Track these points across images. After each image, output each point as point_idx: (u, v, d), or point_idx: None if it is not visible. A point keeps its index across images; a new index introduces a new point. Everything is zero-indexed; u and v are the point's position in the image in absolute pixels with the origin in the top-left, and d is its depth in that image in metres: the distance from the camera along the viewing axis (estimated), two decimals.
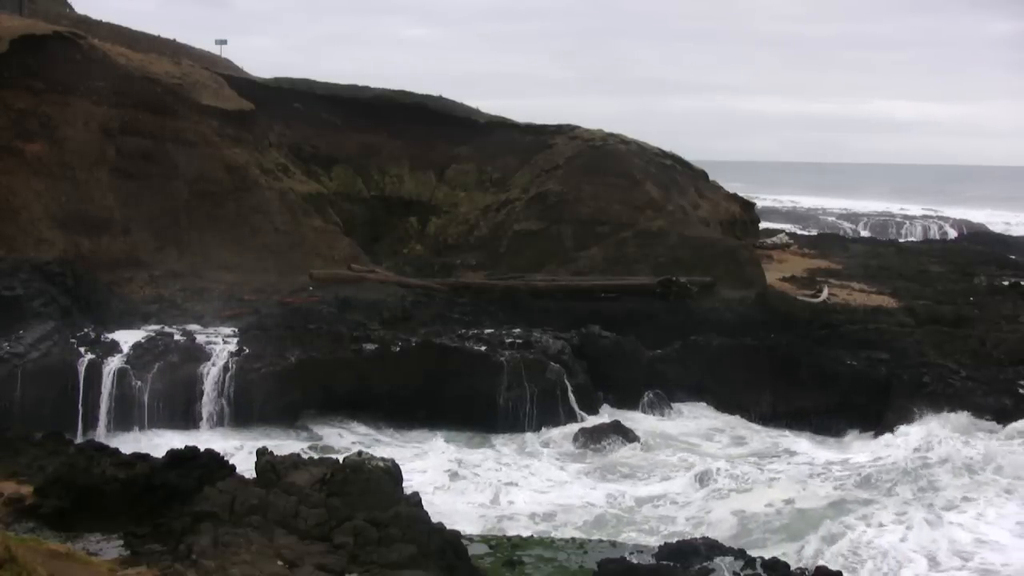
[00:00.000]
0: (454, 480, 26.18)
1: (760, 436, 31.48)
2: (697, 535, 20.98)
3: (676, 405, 33.47)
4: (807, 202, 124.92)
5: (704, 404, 33.75)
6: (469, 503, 24.61)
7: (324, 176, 49.46)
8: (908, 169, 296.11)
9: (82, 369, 29.36)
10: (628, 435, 29.95)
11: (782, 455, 29.49)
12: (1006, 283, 46.21)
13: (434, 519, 16.34)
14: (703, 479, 26.19)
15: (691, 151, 58.60)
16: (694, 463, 27.84)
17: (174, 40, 56.40)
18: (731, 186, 59.61)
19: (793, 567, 18.32)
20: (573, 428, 30.68)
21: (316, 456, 18.11)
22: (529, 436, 30.56)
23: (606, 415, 32.08)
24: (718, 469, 26.59)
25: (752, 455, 29.33)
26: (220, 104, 45.46)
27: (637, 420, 32.13)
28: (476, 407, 31.05)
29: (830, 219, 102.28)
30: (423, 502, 16.52)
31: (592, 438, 29.72)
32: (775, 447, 30.32)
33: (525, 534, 20.73)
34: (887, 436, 29.77)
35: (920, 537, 22.06)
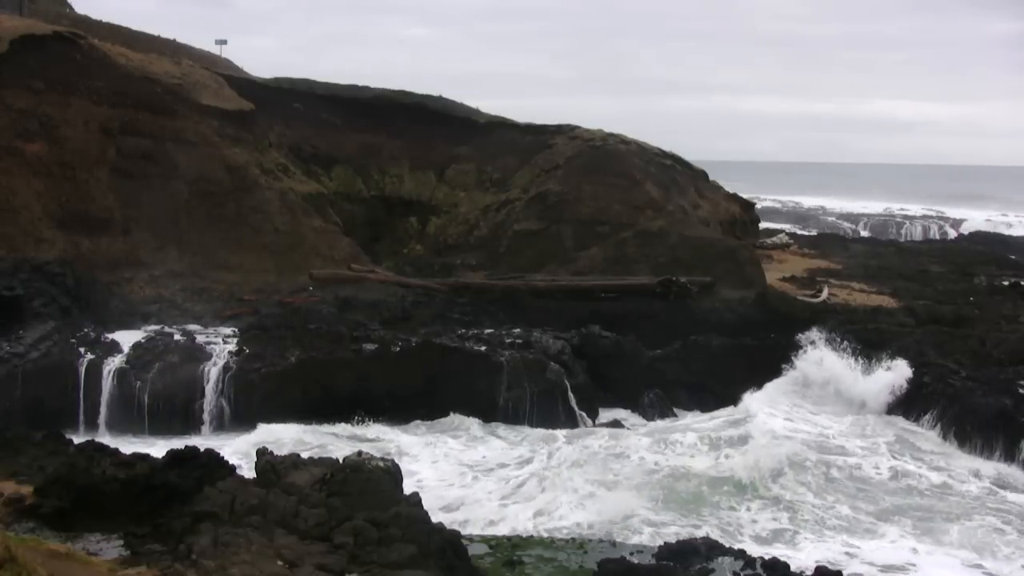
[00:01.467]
0: (460, 478, 26.17)
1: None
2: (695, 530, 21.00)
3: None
4: (807, 202, 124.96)
5: (703, 401, 33.79)
6: (477, 499, 24.57)
7: (324, 176, 49.48)
8: (908, 169, 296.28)
9: (82, 369, 29.42)
10: (627, 433, 29.95)
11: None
12: (1006, 283, 46.21)
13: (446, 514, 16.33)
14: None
15: (691, 151, 58.64)
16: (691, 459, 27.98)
17: (174, 40, 56.43)
18: (731, 186, 59.56)
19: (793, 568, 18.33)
20: (572, 427, 30.73)
21: (316, 456, 18.08)
22: (528, 436, 30.55)
23: (606, 415, 32.10)
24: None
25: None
26: (220, 104, 45.51)
27: (637, 420, 32.17)
28: (476, 407, 31.07)
29: (830, 219, 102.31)
30: (432, 496, 16.52)
31: (591, 437, 29.72)
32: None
33: (525, 534, 20.73)
34: None
35: None
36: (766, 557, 18.67)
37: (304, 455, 17.38)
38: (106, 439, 25.43)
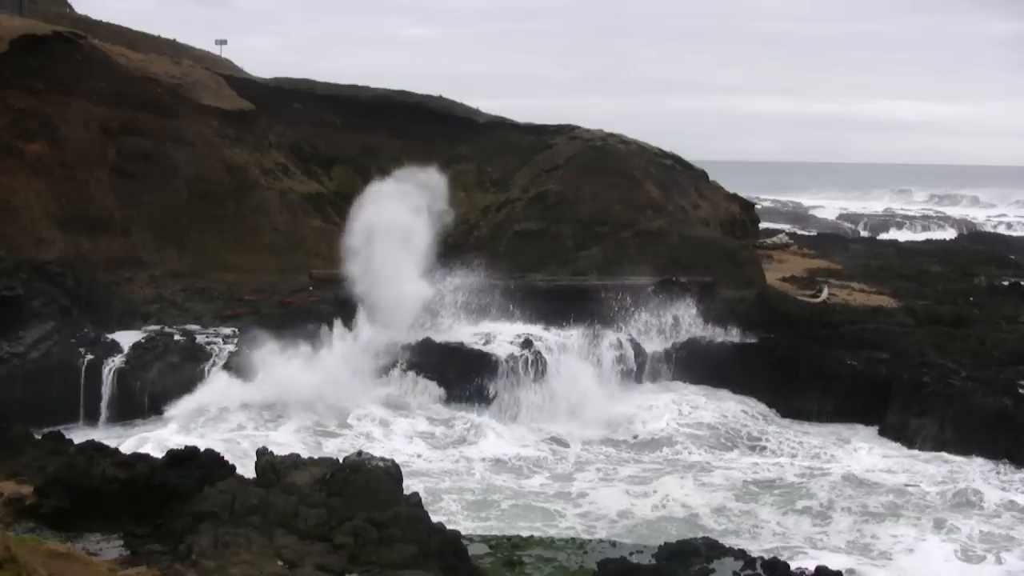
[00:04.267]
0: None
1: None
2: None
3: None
4: (807, 202, 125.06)
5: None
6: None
7: (324, 176, 49.45)
8: (909, 169, 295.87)
9: (82, 369, 29.47)
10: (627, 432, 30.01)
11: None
12: (1006, 283, 46.21)
13: None
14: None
15: (691, 151, 58.44)
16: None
17: (174, 40, 56.40)
18: (731, 186, 59.47)
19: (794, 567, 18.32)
20: (573, 428, 30.79)
21: (316, 456, 18.06)
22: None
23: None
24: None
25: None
26: (220, 104, 45.48)
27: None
28: (475, 406, 31.17)
29: (830, 219, 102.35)
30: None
31: (592, 437, 29.79)
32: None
33: (525, 534, 20.72)
34: None
35: None
36: (766, 557, 18.66)
37: None
38: (106, 438, 25.47)
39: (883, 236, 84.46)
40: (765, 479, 26.99)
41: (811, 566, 18.79)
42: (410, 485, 17.50)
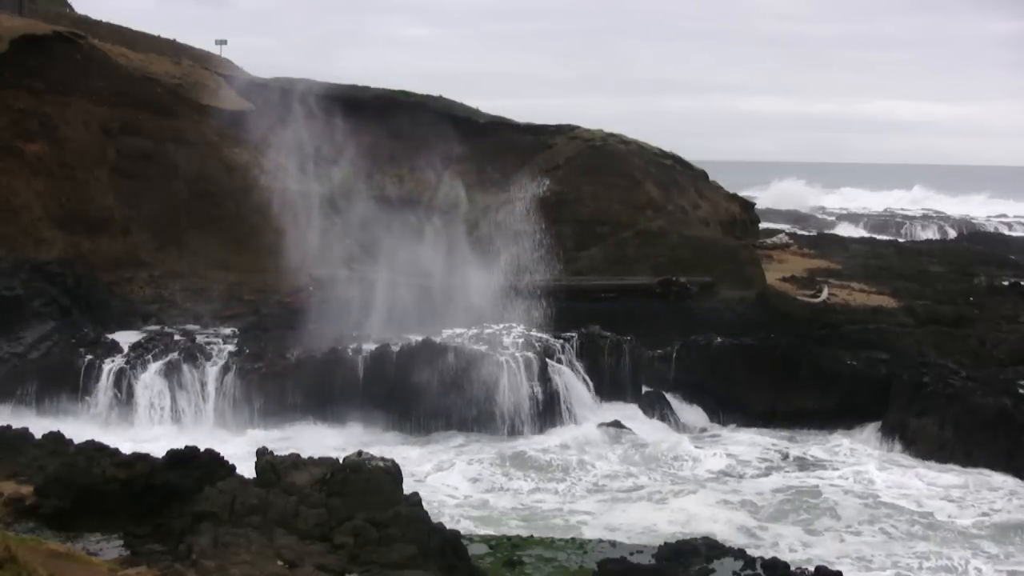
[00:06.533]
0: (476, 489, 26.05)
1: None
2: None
3: (676, 405, 33.52)
4: (807, 202, 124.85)
5: (701, 404, 33.78)
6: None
7: (324, 176, 49.36)
8: (908, 169, 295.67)
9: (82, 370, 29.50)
10: (628, 435, 29.98)
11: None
12: (1006, 283, 46.23)
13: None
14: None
15: (691, 151, 58.40)
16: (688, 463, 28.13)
17: (174, 40, 56.21)
18: (731, 186, 59.43)
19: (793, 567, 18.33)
20: (573, 428, 30.77)
21: (316, 456, 18.05)
22: (531, 436, 30.59)
23: (605, 415, 32.08)
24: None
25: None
26: (220, 104, 45.46)
27: (636, 420, 32.17)
28: (476, 407, 31.12)
29: (830, 219, 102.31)
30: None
31: (593, 439, 29.77)
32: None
33: (525, 534, 20.71)
34: None
35: None
36: (766, 557, 18.66)
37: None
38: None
39: (883, 236, 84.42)
40: (783, 492, 26.52)
41: (811, 567, 18.81)
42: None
